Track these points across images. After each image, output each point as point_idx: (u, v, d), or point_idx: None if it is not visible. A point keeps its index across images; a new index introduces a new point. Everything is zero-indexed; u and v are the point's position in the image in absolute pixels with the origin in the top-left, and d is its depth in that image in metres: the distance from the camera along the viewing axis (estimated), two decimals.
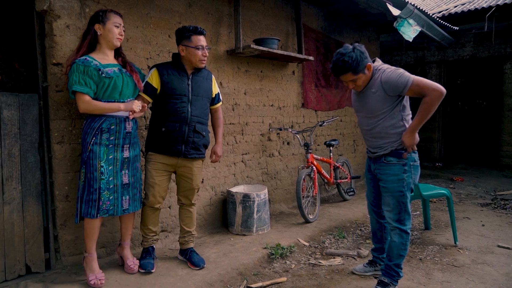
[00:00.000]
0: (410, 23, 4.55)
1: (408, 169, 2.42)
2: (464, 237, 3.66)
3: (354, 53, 2.34)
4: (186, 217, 2.95)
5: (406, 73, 2.31)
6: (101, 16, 2.42)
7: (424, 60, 8.16)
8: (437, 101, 2.26)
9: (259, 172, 4.36)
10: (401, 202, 2.43)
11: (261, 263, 3.04)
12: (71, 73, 2.33)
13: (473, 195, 5.48)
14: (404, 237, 2.46)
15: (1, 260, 2.44)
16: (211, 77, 2.92)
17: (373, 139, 2.53)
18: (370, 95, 2.43)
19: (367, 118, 2.51)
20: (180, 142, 2.70)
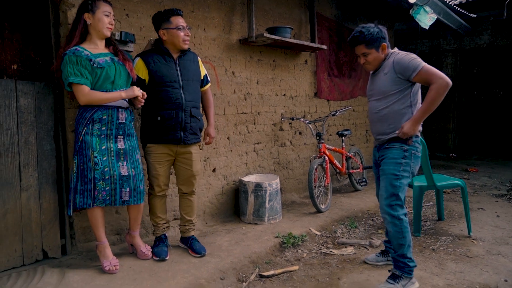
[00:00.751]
0: (427, 10, 4.45)
1: (408, 155, 2.39)
2: (478, 228, 3.62)
3: (373, 29, 2.39)
4: (187, 206, 2.93)
5: (419, 59, 2.32)
6: (90, 4, 2.34)
7: (439, 49, 7.99)
8: (443, 91, 2.24)
9: (271, 161, 4.36)
10: (393, 185, 2.38)
11: (273, 251, 3.06)
12: (64, 65, 2.28)
13: (488, 186, 5.40)
14: (398, 224, 2.38)
15: (19, 245, 2.51)
16: (198, 59, 2.85)
17: (379, 124, 2.50)
18: (382, 77, 2.44)
19: (376, 101, 2.50)
20: (178, 129, 2.67)
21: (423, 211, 4.18)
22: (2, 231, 2.43)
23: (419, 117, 2.33)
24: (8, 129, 2.42)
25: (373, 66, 2.48)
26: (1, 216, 2.42)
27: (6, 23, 2.55)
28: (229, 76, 3.81)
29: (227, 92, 3.80)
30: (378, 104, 2.48)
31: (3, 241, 2.43)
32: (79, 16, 2.36)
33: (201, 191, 3.62)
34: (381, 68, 2.46)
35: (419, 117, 2.33)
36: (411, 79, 2.32)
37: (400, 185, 2.38)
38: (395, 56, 2.39)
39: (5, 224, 2.44)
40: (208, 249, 2.96)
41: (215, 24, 3.62)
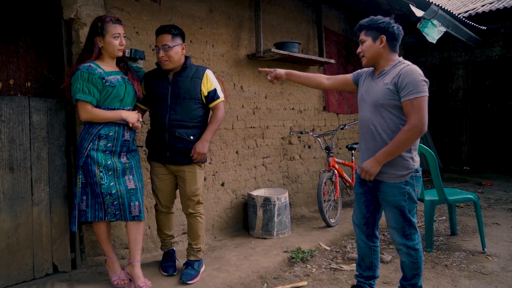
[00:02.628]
0: (434, 23, 4.44)
1: (410, 181, 2.13)
2: (493, 243, 3.53)
3: (381, 19, 2.15)
4: (189, 228, 2.77)
5: (426, 87, 2.03)
6: (99, 28, 2.34)
7: (450, 61, 7.95)
8: (417, 136, 2.02)
9: (280, 175, 4.36)
10: (404, 216, 2.15)
11: (282, 266, 3.03)
12: (75, 80, 2.29)
13: (503, 200, 5.28)
14: (414, 255, 2.17)
15: (30, 259, 2.54)
16: (202, 75, 2.61)
17: (371, 141, 2.20)
18: (381, 86, 2.13)
19: (371, 112, 2.19)
20: (163, 149, 2.59)
21: (436, 226, 4.10)
22: (14, 245, 2.47)
23: (383, 158, 2.08)
24: (21, 144, 2.48)
25: (367, 60, 2.19)
26: (13, 230, 2.46)
27: (20, 42, 2.65)
28: (237, 90, 3.85)
29: (235, 107, 3.84)
30: (372, 116, 2.18)
31: (14, 255, 2.47)
32: (91, 39, 2.37)
33: (210, 205, 3.62)
34: (383, 76, 2.16)
35: (383, 158, 2.08)
36: (401, 99, 2.04)
37: (411, 213, 2.16)
38: (404, 66, 2.08)
39: (17, 238, 2.48)
40: (216, 264, 2.96)
41: (223, 40, 3.68)
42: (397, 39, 2.16)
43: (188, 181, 2.63)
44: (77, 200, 2.39)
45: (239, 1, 3.82)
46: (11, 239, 2.45)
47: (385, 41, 2.12)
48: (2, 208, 2.42)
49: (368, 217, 2.35)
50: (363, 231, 2.38)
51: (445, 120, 8.06)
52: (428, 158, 3.31)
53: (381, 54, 2.16)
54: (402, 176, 2.12)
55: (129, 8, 2.98)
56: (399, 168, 2.11)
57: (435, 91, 8.23)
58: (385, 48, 2.15)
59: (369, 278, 2.42)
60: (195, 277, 2.66)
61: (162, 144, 2.59)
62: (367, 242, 2.38)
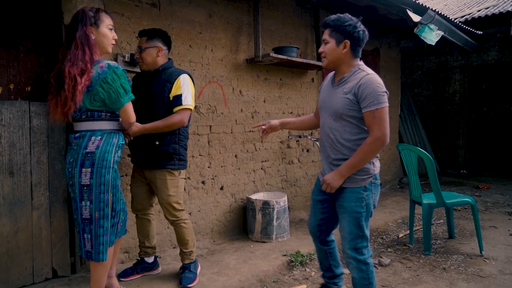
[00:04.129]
0: (432, 28, 4.49)
1: (369, 187, 2.10)
2: (490, 246, 3.55)
3: (349, 21, 2.06)
4: (176, 235, 2.71)
5: (386, 97, 2.00)
6: (93, 17, 2.04)
7: (447, 65, 8.01)
8: (379, 148, 1.99)
9: (279, 179, 4.37)
10: (359, 225, 2.08)
11: (281, 270, 3.04)
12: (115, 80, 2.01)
13: (500, 203, 5.31)
14: (364, 270, 2.10)
15: (29, 264, 2.54)
16: (174, 79, 2.50)
17: (331, 150, 2.16)
18: (341, 95, 2.08)
19: (331, 119, 2.14)
20: (136, 153, 2.62)
21: (433, 229, 4.12)
22: (14, 249, 2.47)
23: (346, 171, 2.04)
24: (21, 149, 2.49)
25: (327, 62, 2.12)
26: (13, 235, 2.46)
27: (21, 47, 2.66)
28: (236, 95, 3.88)
29: (234, 111, 3.85)
30: (332, 125, 2.13)
31: (14, 259, 2.47)
32: (82, 29, 1.99)
33: (209, 209, 3.63)
34: (343, 83, 2.10)
35: (346, 171, 2.04)
36: (362, 110, 2.01)
37: (366, 224, 2.10)
38: (364, 76, 2.02)
39: (17, 243, 2.48)
40: (215, 268, 2.96)
41: (222, 44, 3.71)
42: (361, 45, 2.10)
43: (159, 188, 2.57)
44: (109, 223, 2.08)
45: (238, 6, 3.85)
46: (11, 243, 2.46)
47: (349, 46, 2.06)
48: (2, 212, 2.42)
49: (322, 224, 2.34)
50: (317, 237, 2.38)
51: (442, 124, 8.11)
52: (425, 162, 3.33)
53: (343, 59, 2.09)
54: (362, 181, 2.08)
55: (129, 13, 3.00)
56: (359, 173, 2.08)
57: (432, 95, 8.29)
58: (347, 54, 2.08)
59: (331, 277, 2.47)
60: (194, 280, 2.67)
61: (134, 147, 2.64)
62: (321, 247, 2.40)
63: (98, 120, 2.07)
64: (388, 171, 6.52)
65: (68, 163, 2.08)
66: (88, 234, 2.04)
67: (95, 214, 2.02)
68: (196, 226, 3.52)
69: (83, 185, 2.01)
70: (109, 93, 2.00)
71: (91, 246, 2.05)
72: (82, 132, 2.06)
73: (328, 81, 2.27)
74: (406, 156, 3.56)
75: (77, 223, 2.09)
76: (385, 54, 6.29)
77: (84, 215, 2.03)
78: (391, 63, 6.50)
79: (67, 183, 2.47)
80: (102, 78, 1.97)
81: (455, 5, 8.94)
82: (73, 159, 2.04)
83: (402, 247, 3.62)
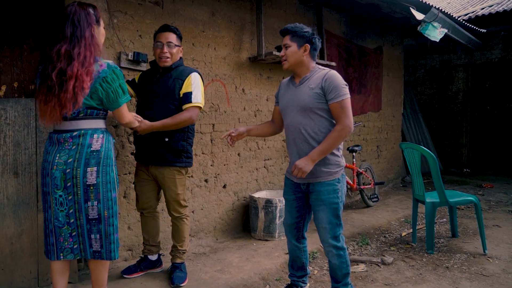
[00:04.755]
0: (435, 26, 4.47)
1: (341, 179, 2.27)
2: (493, 245, 3.55)
3: (306, 28, 2.26)
4: (174, 230, 2.74)
5: (347, 89, 2.19)
6: (95, 15, 1.99)
7: (450, 63, 7.98)
8: (345, 136, 2.16)
9: (281, 177, 4.37)
10: (337, 215, 2.25)
11: (284, 268, 3.04)
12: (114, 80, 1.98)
13: (503, 202, 5.29)
14: (343, 255, 2.27)
15: (34, 267, 2.49)
16: (186, 77, 2.55)
17: (303, 144, 2.25)
18: (306, 91, 2.23)
19: (300, 115, 2.25)
20: (143, 149, 2.60)
21: (436, 228, 4.11)
22: (18, 252, 2.43)
23: (317, 157, 2.15)
24: (26, 148, 2.46)
25: (289, 64, 2.27)
26: (17, 237, 2.43)
27: (25, 45, 2.67)
28: (239, 93, 3.88)
29: (237, 109, 3.86)
30: (303, 120, 2.24)
31: (18, 262, 2.43)
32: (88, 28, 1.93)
33: (212, 207, 3.64)
34: (306, 81, 2.27)
35: (317, 156, 2.15)
36: (328, 102, 2.17)
37: (340, 213, 2.27)
38: (327, 72, 2.22)
39: (21, 245, 2.44)
40: (218, 266, 2.97)
41: (225, 43, 3.71)
42: (317, 50, 2.32)
43: (168, 187, 2.61)
44: (117, 221, 2.08)
45: (241, 5, 3.85)
46: (14, 245, 2.42)
47: (309, 49, 2.25)
48: (6, 213, 2.39)
49: (299, 221, 2.44)
50: (294, 234, 2.46)
51: (445, 122, 8.08)
52: (428, 160, 3.33)
53: (303, 61, 2.27)
54: (335, 173, 2.25)
55: (132, 11, 3.00)
56: (332, 166, 2.24)
57: (435, 94, 8.26)
58: (307, 56, 2.27)
59: (301, 276, 2.55)
60: (185, 279, 2.68)
61: (141, 144, 2.61)
62: (297, 244, 2.47)
63: (96, 118, 2.02)
64: (391, 169, 6.51)
65: (62, 164, 1.93)
66: (96, 234, 1.98)
67: (104, 213, 1.98)
68: (199, 224, 3.53)
69: (89, 184, 1.94)
70: (107, 93, 1.95)
71: (101, 245, 2.00)
72: (81, 130, 1.96)
73: (285, 85, 2.43)
74: (409, 155, 3.56)
75: (75, 225, 1.97)
76: (388, 52, 6.27)
77: (91, 215, 1.96)
78: (394, 62, 6.48)
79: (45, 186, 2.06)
80: (102, 77, 1.93)
81: (458, 3, 8.91)
82: (73, 159, 1.93)
83: (405, 245, 3.62)
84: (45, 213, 2.02)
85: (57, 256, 2.00)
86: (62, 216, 1.96)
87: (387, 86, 6.31)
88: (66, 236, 1.98)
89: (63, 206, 1.96)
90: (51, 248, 2.01)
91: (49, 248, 2.01)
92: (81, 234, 1.99)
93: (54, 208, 1.97)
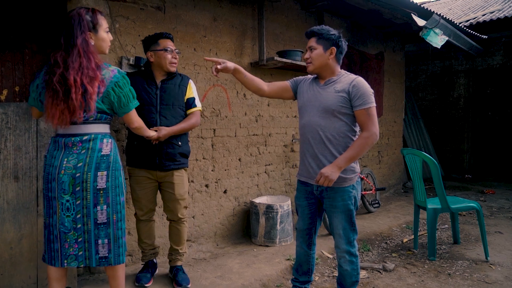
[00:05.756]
0: (436, 32, 4.48)
1: (355, 185, 2.23)
2: (496, 252, 3.52)
3: (333, 31, 2.23)
4: (174, 234, 2.77)
5: (373, 98, 2.15)
6: (91, 21, 1.98)
7: (451, 69, 7.99)
8: (372, 143, 2.12)
9: (282, 183, 4.36)
10: (351, 221, 2.22)
11: (284, 274, 3.02)
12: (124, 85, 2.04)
13: (505, 209, 5.26)
14: (355, 262, 2.25)
15: (33, 272, 2.47)
16: (187, 83, 2.71)
17: (321, 145, 2.20)
18: (332, 92, 2.18)
19: (320, 116, 2.20)
20: (153, 154, 2.58)
21: (438, 234, 4.09)
22: (17, 256, 2.41)
23: (344, 164, 2.10)
24: (27, 153, 2.45)
25: (314, 67, 2.23)
26: (17, 241, 2.41)
27: (26, 50, 2.67)
28: (240, 98, 3.88)
29: (238, 114, 3.85)
30: (322, 122, 2.19)
31: (17, 267, 2.40)
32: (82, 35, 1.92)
33: (212, 213, 3.63)
34: (332, 83, 2.22)
35: (344, 163, 2.10)
36: (354, 108, 2.14)
37: (354, 219, 2.25)
38: (355, 78, 2.18)
39: (20, 250, 2.42)
40: (218, 272, 2.95)
41: (226, 48, 3.71)
42: (343, 53, 2.27)
43: (177, 184, 2.67)
44: (124, 225, 2.09)
45: (243, 10, 3.86)
46: (14, 250, 2.40)
47: (335, 52, 2.21)
48: (6, 218, 2.37)
49: (311, 227, 2.41)
50: (305, 240, 2.43)
51: (447, 128, 8.07)
52: (430, 166, 3.32)
53: (329, 64, 2.22)
54: (350, 180, 2.20)
55: (134, 16, 3.01)
56: (348, 172, 2.18)
57: (437, 99, 8.26)
58: (333, 60, 2.22)
59: (304, 282, 2.50)
60: (189, 280, 2.72)
61: (151, 149, 2.57)
62: (307, 250, 2.43)
63: (104, 123, 2.05)
64: (392, 175, 6.49)
65: (72, 168, 1.92)
66: (104, 239, 1.97)
67: (112, 217, 1.98)
68: (200, 230, 3.51)
69: (99, 189, 1.94)
70: (119, 97, 2.00)
71: (109, 250, 1.98)
72: (91, 134, 1.97)
73: (308, 83, 2.35)
74: (411, 161, 3.55)
75: (82, 230, 1.95)
76: (390, 58, 6.28)
77: (100, 219, 1.95)
78: (396, 67, 6.49)
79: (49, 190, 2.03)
80: (114, 82, 1.98)
81: (459, 9, 8.93)
82: (83, 163, 1.92)
83: (407, 252, 3.60)
84: (50, 219, 2.00)
85: (61, 263, 1.97)
86: (69, 221, 1.94)
87: (388, 92, 6.31)
88: (72, 242, 1.95)
89: (69, 211, 1.94)
90: (55, 255, 1.98)
91: (53, 255, 1.99)
92: (87, 240, 1.96)
93: (60, 214, 1.94)
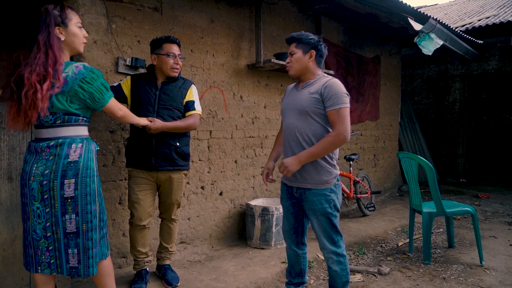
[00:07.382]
0: (432, 37, 4.50)
1: (333, 189, 2.24)
2: (490, 256, 3.53)
3: (311, 36, 2.28)
4: (165, 232, 2.80)
5: (347, 99, 2.18)
6: (59, 16, 1.89)
7: (447, 74, 8.04)
8: (339, 144, 2.14)
9: (278, 185, 4.34)
10: (331, 224, 2.23)
11: (280, 277, 3.01)
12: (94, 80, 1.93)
13: (500, 213, 5.29)
14: (343, 262, 2.25)
15: (26, 274, 2.42)
16: (188, 87, 2.73)
17: (299, 147, 2.24)
18: (306, 94, 2.24)
19: (297, 118, 2.26)
20: (149, 154, 2.56)
21: (433, 238, 4.10)
22: (10, 257, 2.39)
23: (304, 158, 2.14)
24: (21, 153, 2.43)
25: (294, 70, 2.29)
26: (10, 242, 2.39)
27: None
28: (237, 100, 3.87)
29: (235, 116, 3.85)
30: (300, 124, 2.24)
31: (10, 268, 2.39)
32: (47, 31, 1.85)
33: (208, 215, 3.61)
34: (308, 86, 2.27)
35: (305, 158, 2.14)
36: (326, 109, 2.17)
37: (337, 221, 2.25)
38: (329, 79, 2.22)
39: (13, 251, 2.40)
40: (213, 274, 2.94)
41: (223, 50, 3.71)
42: (323, 57, 2.33)
43: (174, 189, 2.69)
44: (98, 235, 1.96)
45: (240, 12, 3.86)
46: (7, 251, 2.38)
47: (314, 56, 2.27)
48: None
49: (297, 226, 2.42)
50: (293, 239, 2.44)
51: (442, 132, 8.12)
52: (426, 170, 3.32)
53: (308, 67, 2.28)
54: (326, 183, 2.22)
55: (131, 17, 3.00)
56: (324, 173, 2.21)
57: (432, 103, 8.30)
58: (313, 63, 2.28)
59: (298, 284, 2.50)
60: (179, 279, 2.75)
61: (148, 149, 2.57)
62: (297, 250, 2.44)
63: (75, 126, 1.92)
64: (387, 178, 6.51)
65: (39, 175, 1.84)
66: (74, 249, 1.88)
67: (82, 227, 1.88)
68: (195, 232, 3.49)
69: (66, 197, 1.84)
70: (91, 92, 1.89)
71: (78, 261, 1.89)
72: (58, 139, 1.87)
73: (290, 90, 2.45)
74: (407, 164, 3.55)
75: (52, 239, 1.88)
76: (386, 61, 6.30)
77: (68, 229, 1.86)
78: (392, 71, 6.52)
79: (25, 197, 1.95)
80: (80, 78, 1.85)
81: (455, 14, 9.00)
82: (50, 171, 1.83)
83: (402, 255, 3.60)
84: (25, 224, 1.95)
85: (35, 269, 1.93)
86: (40, 228, 1.88)
87: (385, 95, 6.33)
88: (43, 250, 1.89)
89: (40, 218, 1.87)
90: (30, 260, 1.93)
91: (28, 260, 1.95)
92: (57, 249, 1.89)
93: (32, 220, 1.89)
